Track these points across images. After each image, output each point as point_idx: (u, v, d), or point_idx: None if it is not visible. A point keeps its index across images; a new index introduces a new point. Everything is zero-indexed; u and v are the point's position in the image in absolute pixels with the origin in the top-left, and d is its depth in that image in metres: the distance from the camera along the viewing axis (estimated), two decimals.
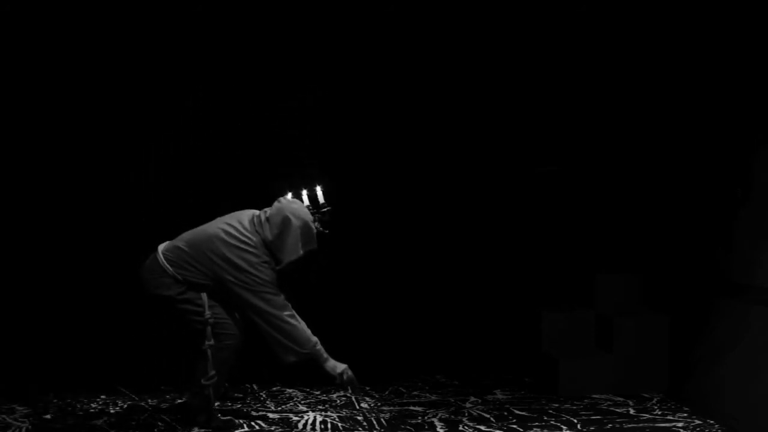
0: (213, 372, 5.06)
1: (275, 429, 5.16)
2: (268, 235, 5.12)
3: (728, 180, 5.40)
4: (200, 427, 5.14)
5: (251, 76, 6.52)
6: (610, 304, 6.20)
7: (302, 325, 5.11)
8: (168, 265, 5.11)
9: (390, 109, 6.69)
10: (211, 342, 5.06)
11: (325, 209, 5.28)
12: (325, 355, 5.13)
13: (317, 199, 5.30)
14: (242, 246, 5.09)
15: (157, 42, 6.39)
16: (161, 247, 5.21)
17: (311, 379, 6.16)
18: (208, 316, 5.06)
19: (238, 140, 6.53)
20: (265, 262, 5.09)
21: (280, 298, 5.08)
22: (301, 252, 5.12)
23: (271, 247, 5.13)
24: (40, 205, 6.33)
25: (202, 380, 5.07)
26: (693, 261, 5.80)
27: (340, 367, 5.14)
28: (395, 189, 6.69)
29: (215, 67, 6.47)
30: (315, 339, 5.11)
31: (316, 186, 5.34)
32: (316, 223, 5.22)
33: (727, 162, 5.43)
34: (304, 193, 5.32)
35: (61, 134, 6.36)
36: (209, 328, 5.06)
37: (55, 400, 5.70)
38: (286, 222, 5.10)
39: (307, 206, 5.25)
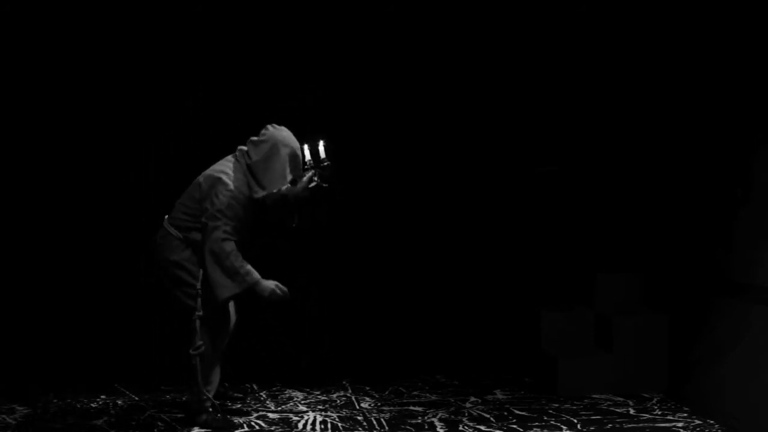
0: (200, 342, 5.08)
1: (275, 429, 5.16)
2: (253, 156, 5.16)
3: (728, 180, 5.40)
4: (200, 427, 5.14)
5: (251, 76, 6.52)
6: (610, 303, 6.20)
7: (233, 258, 5.00)
8: (170, 226, 5.20)
9: (390, 110, 6.68)
10: (200, 312, 5.08)
11: (326, 164, 5.25)
12: (257, 277, 5.05)
13: (318, 153, 5.27)
14: (217, 175, 5.12)
15: (157, 42, 6.39)
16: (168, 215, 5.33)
17: (311, 379, 6.17)
18: (200, 287, 5.09)
19: (239, 140, 6.53)
20: (230, 191, 5.05)
21: (228, 228, 5.00)
22: (289, 179, 5.13)
23: (254, 170, 5.14)
24: (40, 205, 6.34)
25: (190, 350, 5.09)
26: (693, 260, 5.80)
27: (269, 288, 5.06)
28: (395, 189, 6.69)
29: (215, 67, 6.47)
30: (247, 268, 5.02)
31: (318, 141, 5.30)
32: (316, 177, 5.21)
33: (727, 162, 5.43)
34: (306, 147, 5.28)
35: (61, 134, 6.37)
36: (200, 300, 5.08)
37: (55, 400, 5.70)
38: (274, 149, 5.14)
39: (309, 160, 5.24)
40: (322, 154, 5.25)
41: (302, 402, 5.71)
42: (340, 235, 6.63)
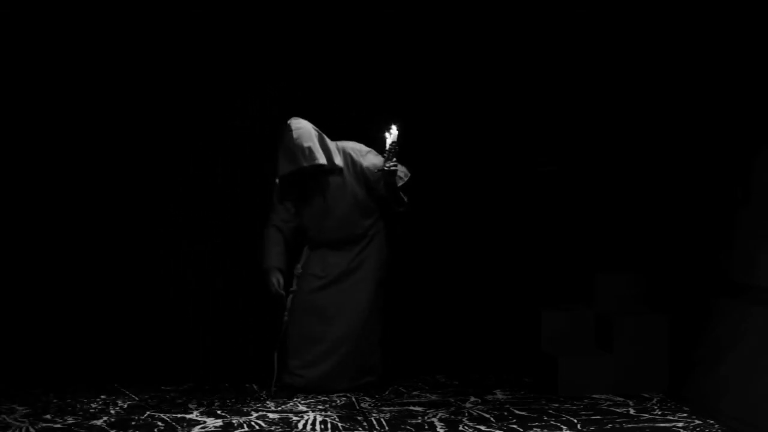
0: (286, 314, 5.82)
1: (275, 429, 5.16)
2: None
3: (729, 180, 5.40)
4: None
5: (252, 77, 6.54)
6: (610, 303, 6.20)
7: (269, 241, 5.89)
8: None
9: (389, 109, 6.67)
10: (293, 287, 5.88)
11: (388, 148, 5.63)
12: (267, 264, 5.87)
13: (393, 137, 5.61)
14: None
15: (159, 43, 6.40)
16: None
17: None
18: (300, 266, 5.94)
19: (241, 141, 6.56)
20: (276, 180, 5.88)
21: (271, 215, 5.92)
22: (288, 170, 5.72)
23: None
24: (40, 204, 6.34)
25: (285, 317, 5.85)
26: (693, 261, 5.80)
27: (269, 281, 5.85)
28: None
29: (216, 68, 6.48)
30: (265, 251, 5.87)
31: (391, 126, 5.63)
32: (388, 163, 5.66)
33: (728, 162, 5.43)
34: (394, 128, 5.61)
35: (60, 132, 6.38)
36: (294, 279, 5.92)
37: (55, 401, 5.70)
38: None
39: (393, 143, 5.60)
40: (392, 138, 5.61)
41: (302, 402, 5.71)
42: None
